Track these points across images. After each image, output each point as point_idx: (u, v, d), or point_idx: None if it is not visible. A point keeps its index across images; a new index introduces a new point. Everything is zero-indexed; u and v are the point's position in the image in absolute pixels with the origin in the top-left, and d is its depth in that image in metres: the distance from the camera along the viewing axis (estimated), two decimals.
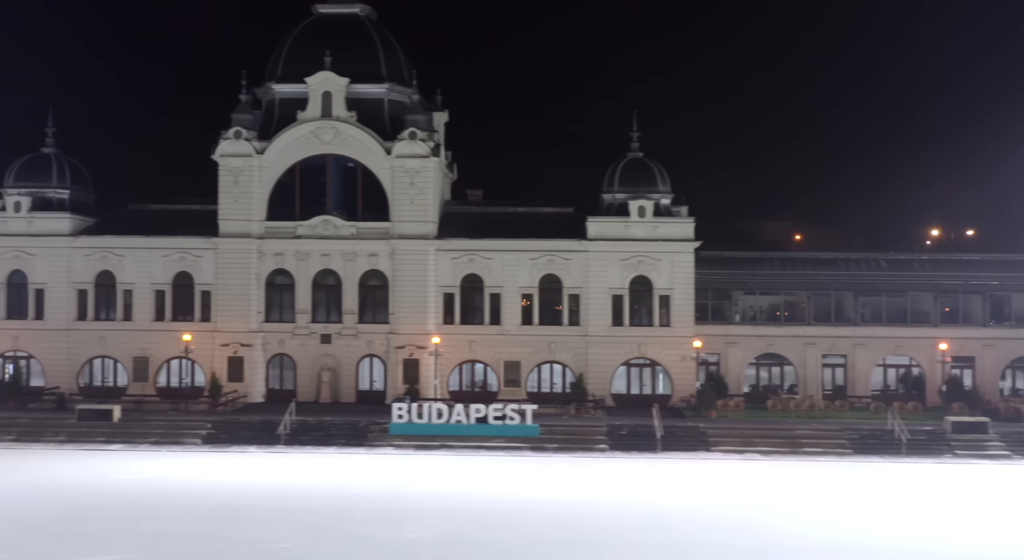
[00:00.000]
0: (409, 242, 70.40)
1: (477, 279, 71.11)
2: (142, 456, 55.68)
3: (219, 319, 70.64)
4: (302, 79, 71.80)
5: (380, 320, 71.03)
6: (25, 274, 71.81)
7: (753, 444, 58.47)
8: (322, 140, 71.31)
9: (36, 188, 72.90)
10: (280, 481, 48.12)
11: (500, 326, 70.76)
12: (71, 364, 71.36)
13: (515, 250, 70.83)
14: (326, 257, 70.99)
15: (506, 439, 58.98)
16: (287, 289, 71.57)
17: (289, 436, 59.64)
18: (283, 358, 71.46)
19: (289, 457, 55.83)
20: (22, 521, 38.43)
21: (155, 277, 71.59)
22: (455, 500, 43.48)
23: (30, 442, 59.28)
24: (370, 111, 72.11)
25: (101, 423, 61.13)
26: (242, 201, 70.98)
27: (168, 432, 60.55)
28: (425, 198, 70.78)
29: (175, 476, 49.22)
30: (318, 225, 71.09)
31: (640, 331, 70.11)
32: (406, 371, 69.58)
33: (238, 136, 71.00)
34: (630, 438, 59.65)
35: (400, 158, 70.62)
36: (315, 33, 74.22)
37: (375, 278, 71.23)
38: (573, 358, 70.31)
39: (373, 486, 47.11)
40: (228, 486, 46.67)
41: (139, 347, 71.29)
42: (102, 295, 72.05)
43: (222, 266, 70.90)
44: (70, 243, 71.77)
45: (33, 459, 54.00)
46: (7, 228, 71.97)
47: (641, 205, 70.47)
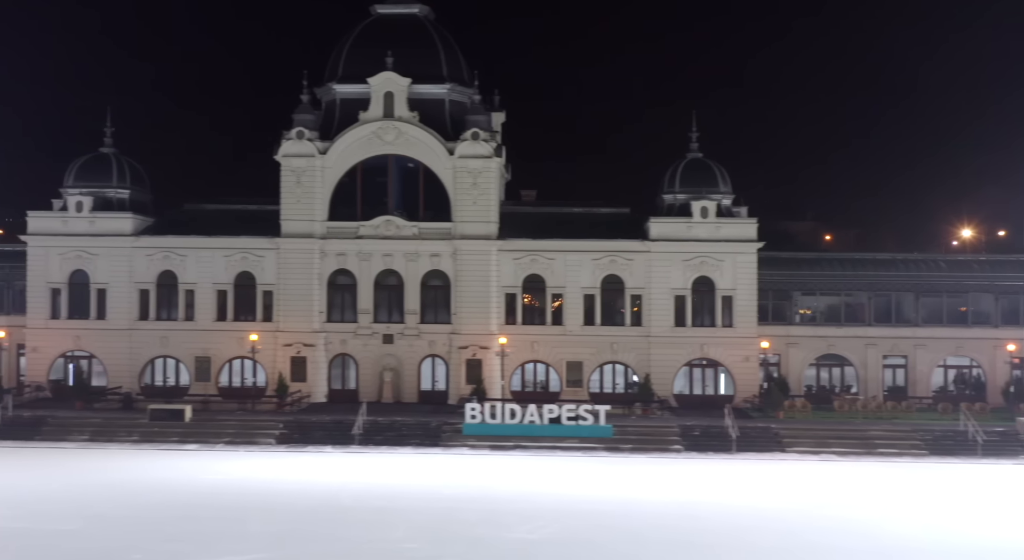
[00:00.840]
0: (472, 242, 70.43)
1: (539, 279, 71.16)
2: (221, 456, 55.75)
3: (281, 319, 70.70)
4: (363, 79, 71.85)
5: (442, 320, 71.07)
6: (87, 274, 71.87)
7: (827, 445, 58.46)
8: (384, 140, 71.37)
9: (97, 188, 72.96)
10: (370, 481, 48.21)
11: (562, 326, 70.80)
12: (133, 364, 71.43)
13: (577, 251, 70.87)
14: (388, 257, 71.05)
15: (580, 440, 59.03)
16: (349, 289, 71.64)
17: (363, 436, 59.72)
18: (345, 358, 71.48)
19: (367, 457, 55.92)
20: (137, 520, 38.49)
21: (217, 277, 71.65)
22: (553, 501, 43.44)
23: (104, 442, 59.39)
24: (431, 111, 72.17)
25: (173, 423, 61.26)
26: (304, 201, 71.04)
27: (241, 432, 60.63)
28: (488, 198, 70.84)
29: (264, 476, 49.33)
30: (380, 225, 71.14)
31: (702, 332, 70.14)
32: (469, 371, 69.60)
33: (300, 136, 71.07)
34: (703, 439, 59.70)
35: (463, 158, 70.66)
36: (375, 33, 74.30)
37: (437, 278, 71.29)
38: (635, 359, 70.35)
39: (465, 486, 47.14)
40: (321, 486, 46.64)
41: (201, 347, 71.35)
42: (164, 295, 72.13)
43: (284, 266, 70.96)
44: (132, 243, 71.85)
45: (116, 459, 54.09)
46: (69, 228, 72.06)
47: (704, 206, 70.47)
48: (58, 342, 71.65)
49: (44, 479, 47.36)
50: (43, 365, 71.53)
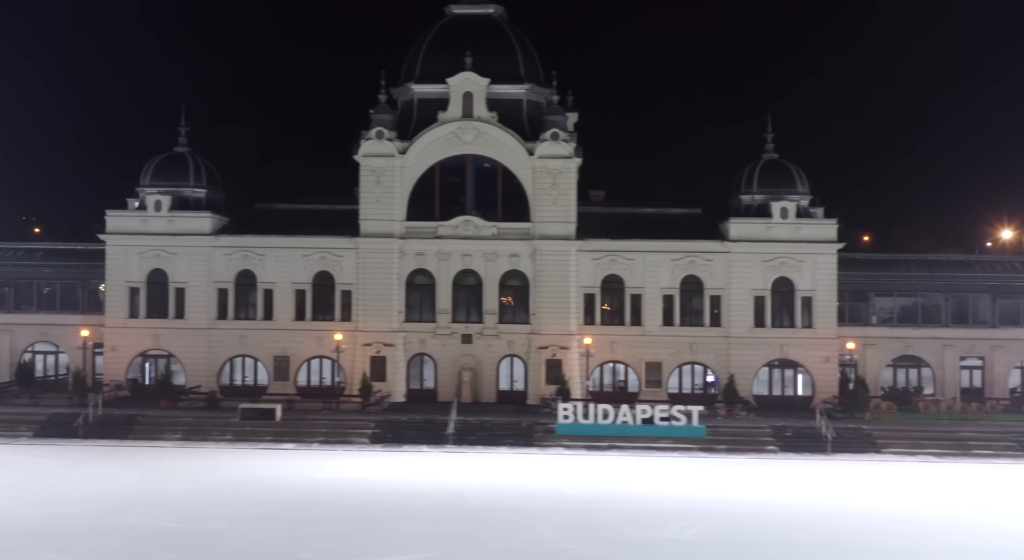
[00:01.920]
0: (551, 243, 70.47)
1: (618, 279, 71.22)
2: (323, 455, 55.83)
3: (360, 319, 70.76)
4: (442, 80, 71.89)
5: (520, 320, 71.14)
6: (166, 273, 71.97)
7: (922, 446, 58.47)
8: (463, 140, 71.43)
9: (174, 187, 73.08)
10: (486, 480, 48.35)
11: (641, 327, 70.86)
12: (212, 363, 71.51)
13: (657, 251, 70.91)
14: (467, 257, 71.11)
15: (673, 440, 59.08)
16: (427, 289, 71.72)
17: (456, 436, 59.81)
18: (423, 358, 71.54)
19: (466, 456, 56.00)
20: (281, 519, 38.59)
21: (296, 276, 71.74)
22: (681, 501, 43.61)
23: (199, 441, 59.46)
24: (508, 112, 72.22)
25: (264, 422, 61.31)
26: (384, 201, 71.13)
27: (334, 431, 60.70)
28: (567, 199, 70.88)
29: (378, 475, 49.45)
30: (459, 225, 71.20)
31: (782, 333, 70.20)
32: (549, 371, 69.64)
33: (380, 136, 71.14)
34: (797, 439, 59.72)
35: (543, 159, 70.70)
36: (451, 34, 74.37)
37: (515, 278, 71.35)
38: (715, 359, 70.42)
39: (588, 486, 47.17)
40: (440, 485, 46.77)
41: (280, 346, 71.44)
42: (242, 294, 72.22)
43: (364, 266, 71.02)
44: (211, 242, 71.94)
45: (220, 458, 54.20)
46: (147, 227, 72.16)
47: (784, 206, 70.53)
48: (137, 341, 71.76)
49: (164, 478, 47.41)
50: (121, 364, 71.62)
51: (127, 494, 43.53)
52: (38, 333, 74.59)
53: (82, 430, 59.94)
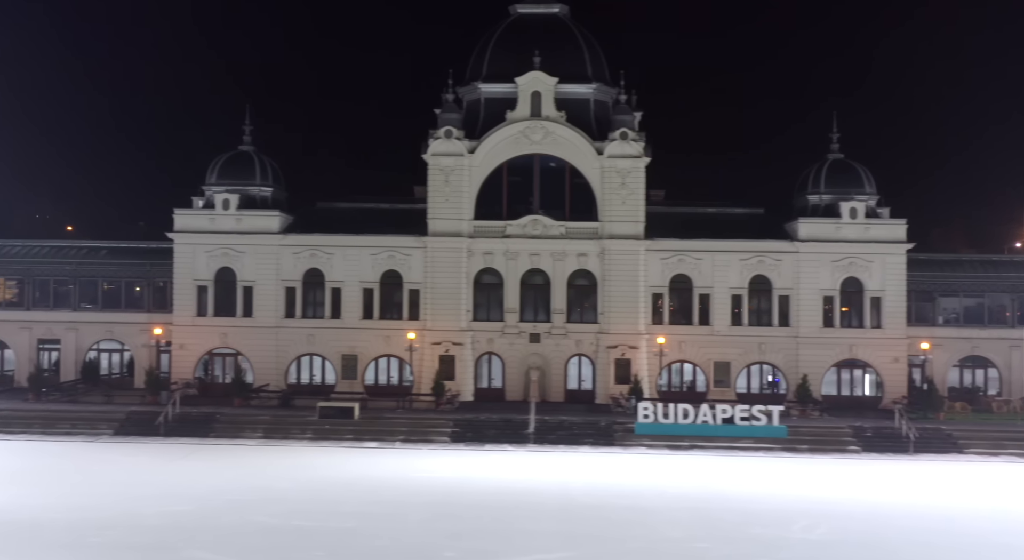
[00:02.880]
0: (620, 242, 70.52)
1: (686, 279, 71.28)
2: (410, 454, 55.90)
3: (429, 318, 70.82)
4: (510, 79, 71.97)
5: (588, 320, 71.19)
6: (234, 271, 72.04)
7: (1003, 447, 58.53)
8: (531, 140, 71.49)
9: (240, 186, 73.19)
10: (588, 479, 48.36)
11: (710, 326, 70.91)
12: (279, 361, 71.60)
13: (726, 251, 70.96)
14: (535, 256, 71.19)
15: (754, 440, 59.11)
16: (494, 288, 71.79)
17: (536, 435, 59.88)
18: (491, 357, 71.59)
19: (552, 455, 56.00)
20: (403, 517, 38.60)
21: (364, 275, 71.83)
22: (792, 501, 43.61)
23: (280, 439, 59.53)
24: (576, 111, 72.28)
25: (343, 421, 61.39)
26: (452, 200, 71.20)
27: (415, 430, 60.79)
28: (636, 198, 70.93)
29: (477, 474, 49.50)
30: (527, 224, 71.27)
31: (851, 333, 70.26)
32: (618, 371, 69.70)
33: (448, 136, 71.22)
34: (877, 440, 59.76)
35: (612, 158, 70.77)
36: (517, 33, 74.49)
37: (583, 278, 71.40)
38: (783, 359, 70.48)
39: (690, 486, 47.23)
40: (545, 484, 46.78)
41: (347, 345, 71.51)
42: (309, 293, 72.30)
43: (432, 265, 71.09)
44: (279, 241, 72.02)
45: (311, 456, 54.29)
46: (215, 225, 72.23)
47: (853, 207, 70.58)
48: (204, 339, 71.84)
49: (266, 476, 47.52)
50: (189, 362, 71.69)
51: (239, 492, 43.58)
52: (103, 331, 74.69)
53: (163, 428, 60.08)
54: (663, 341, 68.55)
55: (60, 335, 74.71)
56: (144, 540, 34.55)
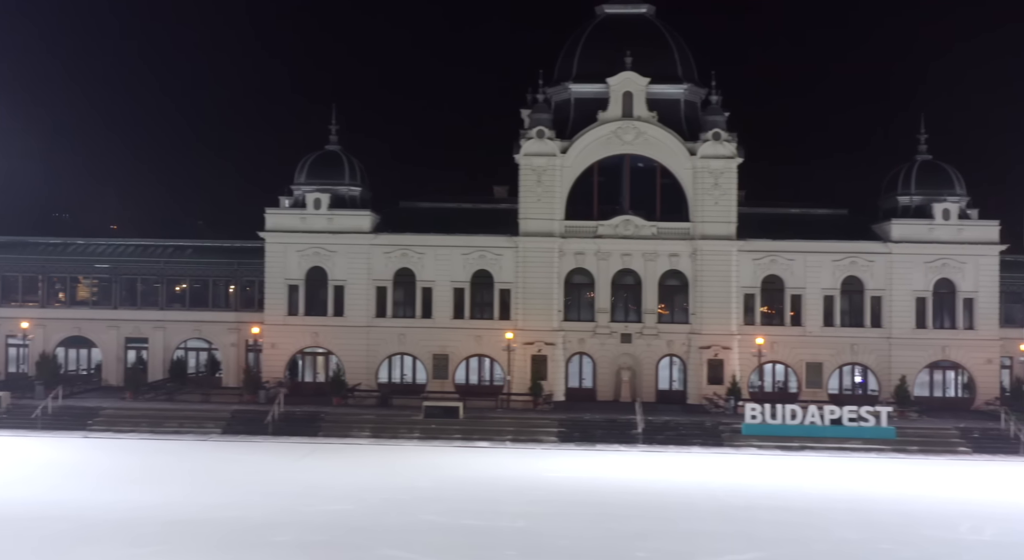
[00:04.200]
0: (712, 243, 70.52)
1: (777, 280, 71.28)
2: (526, 453, 56.06)
3: (520, 318, 70.84)
4: (600, 79, 71.96)
5: (679, 320, 71.20)
6: (325, 271, 72.07)
7: None
8: (623, 140, 71.50)
9: (330, 185, 73.23)
10: (724, 480, 48.45)
11: (802, 327, 70.89)
12: (370, 361, 71.64)
13: (818, 252, 70.94)
14: (627, 257, 71.19)
15: (862, 441, 59.12)
16: (585, 288, 71.84)
17: (644, 435, 59.92)
18: (582, 357, 71.63)
19: (667, 456, 56.12)
20: (572, 517, 38.67)
21: (454, 275, 71.87)
22: (937, 503, 43.67)
23: (388, 438, 59.65)
24: (667, 111, 72.25)
25: (449, 421, 61.48)
26: (545, 200, 71.23)
27: (522, 430, 60.85)
28: (729, 199, 70.90)
29: (609, 474, 49.65)
30: (619, 225, 71.29)
31: (943, 334, 70.21)
32: (710, 371, 69.72)
33: (540, 136, 71.24)
34: (985, 441, 59.77)
35: (705, 159, 70.74)
36: (606, 33, 74.49)
37: (674, 278, 71.40)
38: (876, 360, 70.44)
39: (829, 487, 47.30)
40: (684, 485, 46.93)
41: (439, 344, 71.56)
42: (400, 292, 72.34)
43: (524, 265, 71.11)
44: (371, 240, 72.07)
45: (431, 455, 54.47)
46: (307, 225, 72.29)
47: (945, 208, 70.54)
48: (296, 338, 71.90)
49: (400, 475, 47.67)
50: (280, 361, 71.73)
51: (389, 490, 43.68)
52: (191, 330, 74.80)
53: (271, 427, 60.18)
54: (762, 341, 68.49)
55: (148, 334, 74.80)
56: (327, 538, 34.67)
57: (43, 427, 60.16)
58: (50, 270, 76.12)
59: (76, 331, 74.99)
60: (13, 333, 74.87)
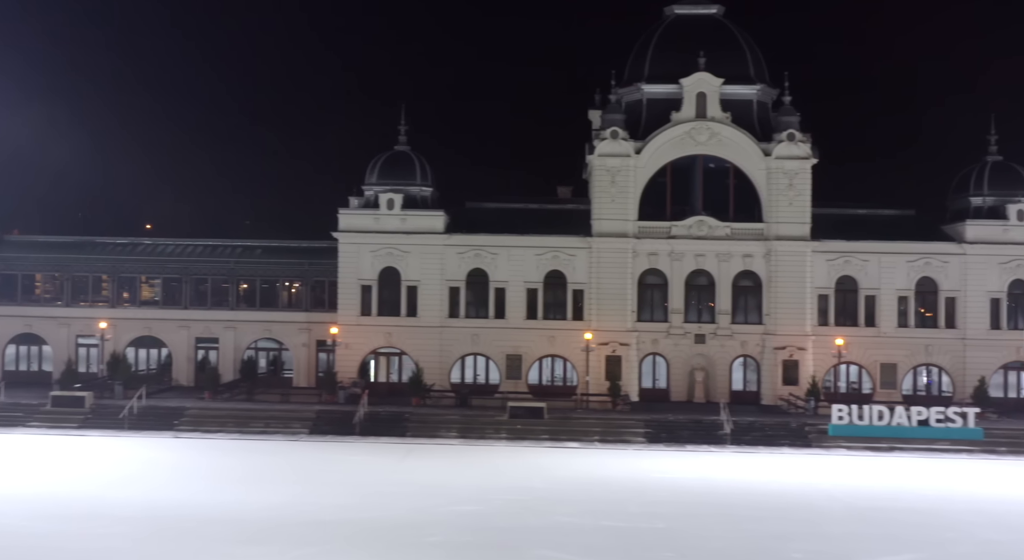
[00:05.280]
0: (787, 243, 70.55)
1: (851, 280, 71.32)
2: (618, 454, 56.09)
3: (594, 318, 70.88)
4: (673, 80, 72.03)
5: (752, 321, 71.24)
6: (398, 271, 72.13)
7: None
8: (696, 141, 71.56)
9: (401, 185, 73.24)
10: (830, 481, 48.47)
11: (876, 328, 70.93)
12: (443, 361, 71.66)
13: (892, 252, 71.01)
14: (700, 257, 71.24)
15: (950, 442, 59.16)
16: (658, 288, 71.90)
17: (732, 436, 59.95)
18: (655, 357, 71.67)
19: (759, 457, 56.12)
20: (708, 517, 38.69)
21: (528, 275, 71.94)
22: None
23: (476, 438, 59.68)
24: (739, 112, 72.27)
25: (534, 421, 61.53)
26: (618, 201, 71.28)
27: (608, 431, 60.92)
28: (803, 200, 70.90)
29: (712, 475, 49.59)
30: (692, 225, 71.34)
31: (1018, 335, 70.29)
32: (785, 372, 69.76)
33: (615, 136, 71.30)
34: None
35: (779, 159, 70.78)
36: (677, 34, 74.54)
37: (747, 279, 71.44)
38: (950, 361, 70.50)
39: (943, 487, 47.47)
40: (787, 486, 46.91)
41: (512, 345, 71.62)
42: (473, 293, 72.38)
43: (597, 265, 71.17)
44: (444, 241, 72.12)
45: (526, 455, 54.54)
46: (380, 225, 72.33)
47: (1020, 209, 70.65)
48: (369, 339, 71.91)
49: (514, 476, 47.74)
50: (354, 361, 71.73)
51: (509, 491, 43.67)
52: (261, 330, 74.91)
53: (359, 427, 60.24)
54: (842, 342, 68.49)
55: (218, 334, 74.91)
56: (477, 539, 34.73)
57: (130, 427, 60.21)
58: (120, 270, 76.22)
59: (146, 331, 75.11)
60: (83, 333, 75.00)
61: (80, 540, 33.47)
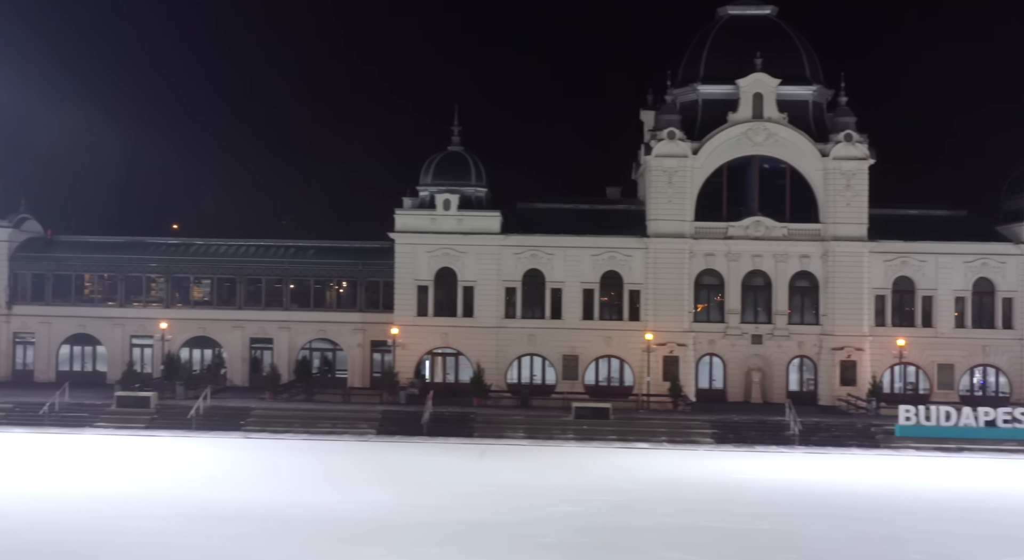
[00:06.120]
0: (845, 244, 70.60)
1: (908, 281, 71.35)
2: (691, 454, 56.05)
3: (651, 318, 70.93)
4: (729, 80, 72.12)
5: (809, 321, 71.28)
6: (454, 271, 72.18)
7: None
8: (753, 141, 71.61)
9: (457, 186, 73.30)
10: (911, 482, 48.42)
11: (933, 328, 70.96)
12: (500, 361, 71.72)
13: (949, 253, 71.04)
14: (757, 258, 71.28)
15: (1017, 443, 59.13)
16: (714, 289, 71.94)
17: (798, 437, 59.95)
18: (711, 358, 71.71)
19: (829, 458, 56.07)
20: (806, 518, 38.68)
21: (584, 276, 72.01)
22: None
23: (544, 438, 59.72)
24: (795, 113, 72.34)
25: (599, 421, 61.56)
26: (675, 201, 71.34)
27: (675, 431, 60.91)
28: (861, 201, 70.94)
29: (792, 475, 49.62)
30: (749, 226, 71.38)
31: None
32: (843, 372, 69.78)
33: (672, 137, 71.36)
34: None
35: (837, 160, 70.81)
36: (732, 35, 74.58)
37: (803, 279, 71.48)
38: (1008, 361, 70.58)
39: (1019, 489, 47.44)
40: (871, 487, 46.86)
41: (568, 345, 71.71)
42: (529, 293, 72.43)
43: (654, 266, 71.22)
44: (500, 241, 72.16)
45: (596, 456, 54.62)
46: (436, 226, 72.39)
47: None
48: (425, 339, 72.00)
49: (600, 477, 47.73)
50: (410, 362, 71.77)
51: (601, 492, 43.60)
52: (315, 330, 74.95)
53: (426, 427, 60.28)
54: (903, 343, 68.50)
55: (273, 334, 75.00)
56: (594, 540, 34.68)
57: (197, 427, 60.27)
58: (174, 270, 76.30)
59: (200, 331, 75.17)
60: (137, 333, 75.13)
61: (199, 540, 33.48)
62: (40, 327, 75.60)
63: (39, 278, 76.49)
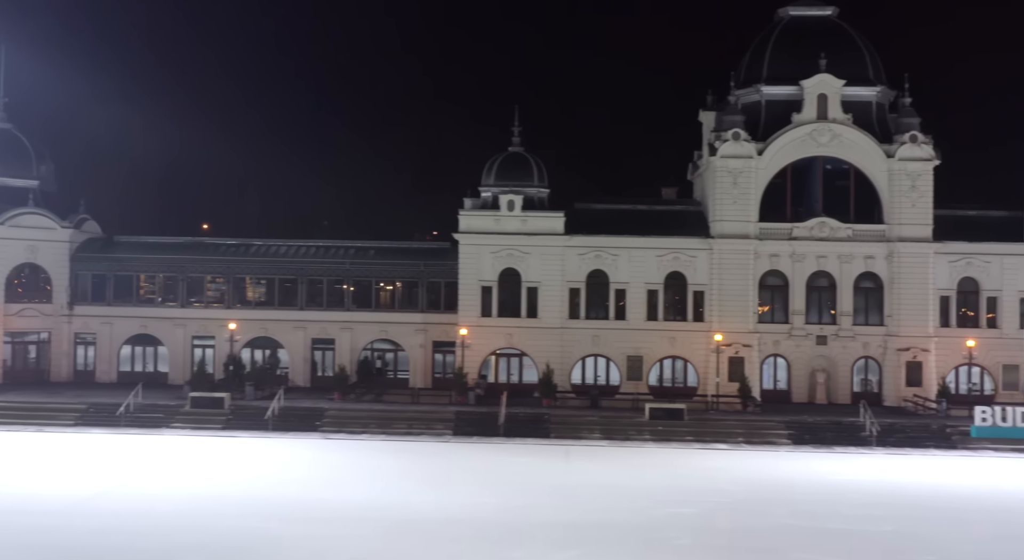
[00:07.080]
0: (910, 245, 70.62)
1: (973, 282, 71.38)
2: (771, 455, 56.16)
3: (715, 319, 70.96)
4: (792, 81, 72.14)
5: (873, 322, 71.30)
6: (518, 272, 72.22)
7: None
8: (818, 142, 71.63)
9: (519, 187, 73.33)
10: (1005, 484, 48.49)
11: (998, 330, 71.01)
12: (564, 362, 71.74)
13: (1016, 254, 71.16)
14: (822, 259, 71.31)
15: None
16: (778, 290, 71.97)
17: (874, 438, 59.99)
18: (775, 359, 71.77)
19: (908, 459, 56.10)
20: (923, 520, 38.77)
21: (648, 276, 72.04)
22: None
23: (621, 439, 59.79)
24: (860, 114, 72.32)
25: (674, 422, 61.64)
26: (740, 202, 71.37)
27: (751, 432, 60.97)
28: (926, 201, 70.92)
29: (881, 476, 49.73)
30: (814, 227, 71.41)
31: None
32: (908, 373, 69.83)
33: (736, 138, 71.38)
34: None
35: (902, 161, 70.83)
36: (794, 36, 74.58)
37: (868, 280, 71.50)
38: None
39: None
40: (968, 488, 46.99)
41: (632, 346, 71.75)
42: (593, 294, 72.47)
43: (719, 267, 71.26)
44: (564, 242, 72.21)
45: (681, 457, 54.75)
46: (500, 226, 72.44)
47: None
48: (490, 340, 71.99)
49: (699, 477, 47.87)
50: (475, 362, 71.74)
51: (707, 493, 43.71)
52: (377, 331, 74.98)
53: (502, 429, 60.35)
54: (973, 343, 68.56)
55: (334, 335, 75.01)
56: (725, 542, 34.90)
57: (274, 428, 60.33)
58: (235, 271, 76.36)
59: (262, 332, 75.15)
60: (199, 333, 75.22)
61: (339, 541, 33.58)
62: (102, 327, 75.66)
63: (100, 279, 76.51)
